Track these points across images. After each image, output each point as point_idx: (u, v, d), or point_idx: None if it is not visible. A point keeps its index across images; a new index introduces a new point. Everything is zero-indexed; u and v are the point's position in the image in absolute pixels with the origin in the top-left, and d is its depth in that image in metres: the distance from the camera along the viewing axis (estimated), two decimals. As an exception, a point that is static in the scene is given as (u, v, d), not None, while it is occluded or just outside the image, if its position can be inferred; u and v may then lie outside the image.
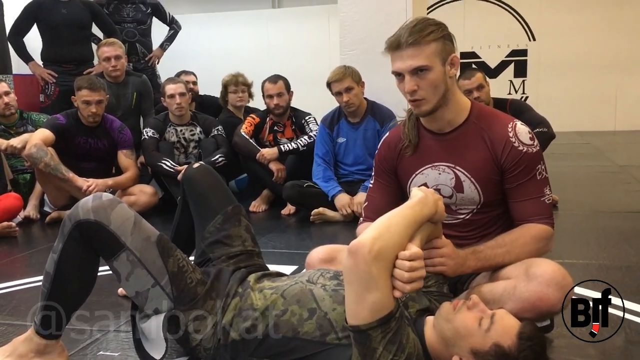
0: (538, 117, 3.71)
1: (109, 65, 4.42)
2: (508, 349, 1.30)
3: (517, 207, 1.75)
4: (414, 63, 1.64)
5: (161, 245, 1.60)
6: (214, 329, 1.59)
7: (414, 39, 1.63)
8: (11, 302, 2.33)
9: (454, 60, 1.70)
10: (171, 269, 1.60)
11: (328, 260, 1.93)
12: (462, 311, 1.38)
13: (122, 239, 1.55)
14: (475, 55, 8.77)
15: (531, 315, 1.55)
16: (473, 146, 1.76)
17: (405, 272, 1.32)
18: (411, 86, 1.66)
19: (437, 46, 1.66)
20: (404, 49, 1.65)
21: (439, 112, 1.74)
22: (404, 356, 1.33)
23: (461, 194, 1.80)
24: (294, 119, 4.18)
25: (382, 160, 1.93)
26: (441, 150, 1.80)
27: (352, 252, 1.32)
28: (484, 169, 1.75)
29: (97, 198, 1.57)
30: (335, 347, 1.45)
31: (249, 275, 1.72)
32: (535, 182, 1.73)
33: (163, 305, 1.60)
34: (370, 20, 3.80)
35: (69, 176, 3.68)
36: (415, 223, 1.41)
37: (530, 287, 1.58)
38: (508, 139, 1.72)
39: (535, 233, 1.71)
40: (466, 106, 1.79)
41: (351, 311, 1.35)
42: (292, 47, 9.02)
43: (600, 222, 3.41)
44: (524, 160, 1.71)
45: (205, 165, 2.04)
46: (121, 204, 1.59)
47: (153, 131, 4.08)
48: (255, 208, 4.01)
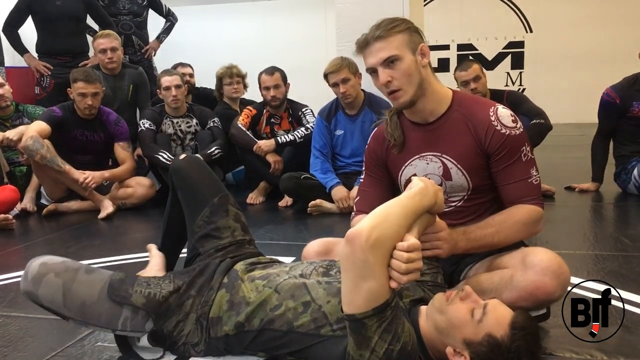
0: (535, 109, 3.72)
1: (105, 57, 4.40)
2: (501, 339, 1.31)
3: (505, 190, 1.77)
4: (384, 54, 1.69)
5: (114, 293, 1.57)
6: (196, 324, 1.60)
7: (379, 33, 1.70)
8: (9, 294, 2.33)
9: (423, 50, 1.74)
10: (137, 302, 1.58)
11: (324, 253, 1.94)
12: (455, 302, 1.39)
13: (60, 311, 1.54)
14: (472, 47, 8.76)
15: (528, 304, 1.56)
16: (457, 133, 1.78)
17: (402, 263, 1.31)
18: (384, 77, 1.70)
19: (403, 37, 1.70)
20: (372, 44, 1.70)
21: (420, 103, 1.75)
22: (399, 345, 1.33)
23: (450, 181, 1.81)
24: (290, 111, 4.17)
25: (372, 154, 1.94)
26: (427, 141, 1.82)
27: (349, 240, 1.32)
28: (470, 155, 1.77)
29: (24, 278, 1.55)
30: (329, 339, 1.45)
31: (236, 264, 1.72)
32: (521, 163, 1.74)
33: (146, 326, 1.60)
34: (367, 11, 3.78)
35: (65, 168, 3.67)
36: (414, 213, 1.41)
37: (527, 275, 1.58)
38: (490, 123, 1.74)
39: (524, 213, 1.72)
40: (447, 95, 1.81)
41: (347, 299, 1.35)
42: (289, 38, 8.99)
43: (596, 213, 3.42)
44: (508, 142, 1.73)
45: (192, 156, 2.03)
46: (47, 276, 1.53)
47: (150, 122, 4.07)
48: (252, 200, 4.01)
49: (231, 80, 4.56)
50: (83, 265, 1.61)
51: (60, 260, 1.58)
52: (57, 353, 1.71)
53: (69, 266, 1.57)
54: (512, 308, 1.41)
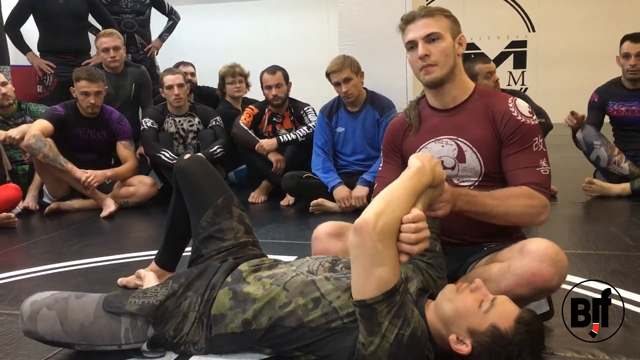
0: (536, 108, 3.71)
1: (108, 56, 4.40)
2: (504, 331, 1.33)
3: (513, 175, 1.78)
4: (428, 30, 1.78)
5: (108, 305, 1.61)
6: (197, 323, 1.60)
7: (427, 11, 1.79)
8: (11, 292, 2.34)
9: (461, 40, 1.84)
10: (132, 309, 1.60)
11: (335, 235, 1.95)
12: (465, 292, 1.42)
13: (63, 341, 1.60)
14: (474, 46, 8.74)
15: (526, 291, 1.56)
16: (475, 119, 1.84)
17: (411, 234, 1.35)
18: (424, 50, 1.77)
19: (448, 21, 1.81)
20: (418, 19, 1.79)
21: (446, 86, 1.83)
22: (409, 330, 1.35)
23: (463, 163, 1.85)
24: (292, 110, 4.18)
25: (389, 141, 2.01)
26: (444, 125, 1.87)
27: (357, 230, 1.35)
28: (486, 139, 1.81)
29: (21, 320, 1.61)
30: (340, 332, 1.46)
31: (240, 265, 1.72)
32: (531, 152, 1.78)
33: (148, 333, 1.61)
34: (370, 10, 3.79)
35: (68, 167, 3.68)
36: (415, 192, 1.44)
37: (524, 262, 1.58)
38: (507, 109, 1.81)
39: (530, 195, 1.73)
40: (470, 86, 1.90)
41: (358, 287, 1.38)
42: (291, 37, 8.99)
43: (598, 212, 3.41)
44: (522, 129, 1.78)
45: (196, 156, 2.03)
46: (40, 311, 1.59)
47: (152, 121, 4.08)
48: (254, 199, 4.01)
49: (233, 79, 4.56)
50: (71, 293, 1.67)
51: (49, 294, 1.64)
52: (59, 351, 1.71)
53: (58, 297, 1.63)
54: (511, 297, 1.43)
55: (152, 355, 1.63)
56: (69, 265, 2.68)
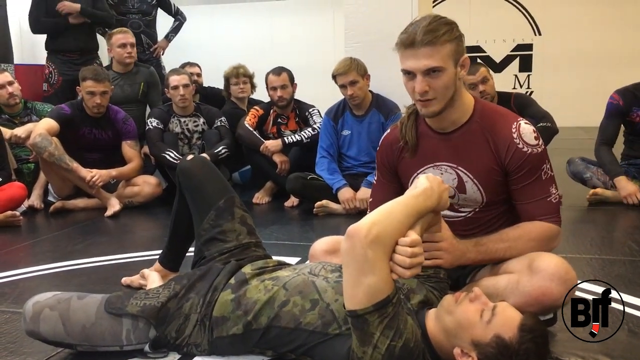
0: (542, 112, 3.71)
1: (125, 52, 4.43)
2: (509, 340, 1.31)
3: (524, 209, 1.73)
4: (429, 63, 1.59)
5: (110, 306, 1.61)
6: (199, 325, 1.60)
7: (429, 38, 1.57)
8: (15, 290, 2.35)
9: (464, 62, 1.67)
10: (133, 310, 1.60)
11: (331, 252, 1.93)
12: (464, 303, 1.39)
13: (65, 341, 1.62)
14: (480, 49, 8.73)
15: (534, 310, 1.55)
16: (476, 147, 1.73)
17: (407, 258, 1.33)
18: (423, 87, 1.61)
19: (451, 47, 1.61)
20: (419, 48, 1.58)
21: (446, 112, 1.70)
22: (401, 341, 1.34)
23: (464, 194, 1.79)
24: (297, 111, 4.18)
25: (383, 158, 1.91)
26: (443, 150, 1.77)
27: (349, 236, 1.34)
28: (487, 171, 1.73)
29: (24, 321, 1.63)
30: (336, 337, 1.46)
31: (243, 267, 1.72)
32: (540, 182, 1.70)
33: (150, 334, 1.62)
34: (376, 13, 3.78)
35: (73, 166, 3.69)
36: (417, 213, 1.41)
37: (534, 281, 1.57)
38: (512, 140, 1.68)
39: (541, 230, 1.70)
40: (470, 104, 1.75)
41: (348, 294, 1.36)
42: (297, 39, 8.98)
43: (603, 217, 3.40)
44: (529, 161, 1.68)
45: (199, 157, 2.03)
46: (43, 312, 1.60)
47: (157, 121, 4.08)
48: (258, 200, 4.01)
49: (238, 80, 4.56)
50: (74, 293, 1.67)
51: (51, 295, 1.65)
52: (62, 350, 1.71)
53: (60, 298, 1.63)
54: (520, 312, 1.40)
55: (155, 355, 1.63)
56: (73, 264, 2.69)
